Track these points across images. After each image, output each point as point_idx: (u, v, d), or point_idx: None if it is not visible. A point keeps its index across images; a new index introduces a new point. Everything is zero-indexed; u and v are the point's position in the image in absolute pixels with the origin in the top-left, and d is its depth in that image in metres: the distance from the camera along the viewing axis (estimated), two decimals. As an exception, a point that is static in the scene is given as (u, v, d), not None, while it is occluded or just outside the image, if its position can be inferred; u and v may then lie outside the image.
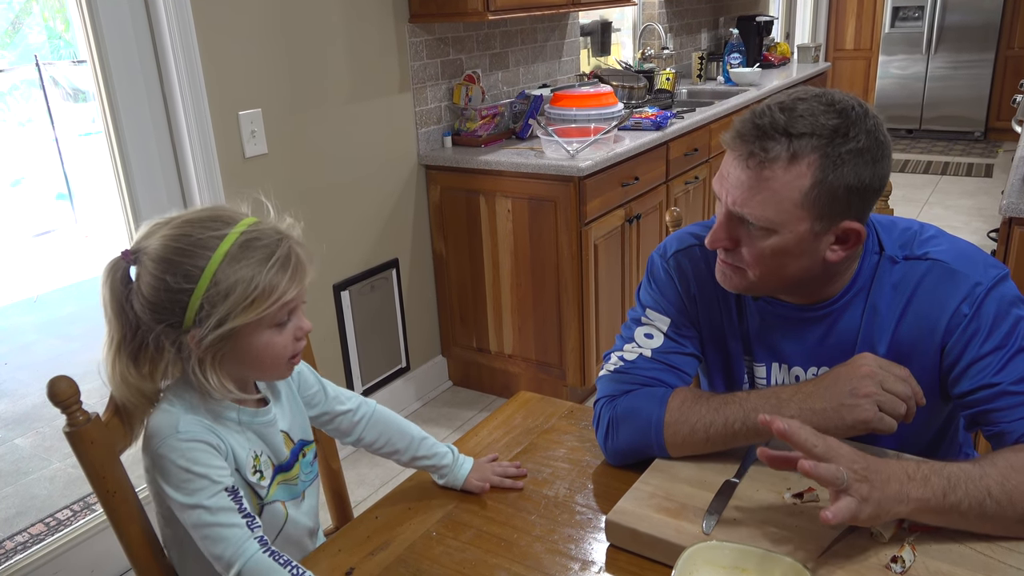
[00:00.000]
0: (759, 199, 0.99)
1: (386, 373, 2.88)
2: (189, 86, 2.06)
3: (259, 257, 0.96)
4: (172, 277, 0.94)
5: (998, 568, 0.90)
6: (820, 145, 0.97)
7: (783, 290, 1.12)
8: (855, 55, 7.58)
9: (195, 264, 0.94)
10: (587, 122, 2.81)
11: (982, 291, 1.04)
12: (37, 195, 5.27)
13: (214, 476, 0.95)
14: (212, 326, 0.94)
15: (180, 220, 0.98)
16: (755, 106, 1.03)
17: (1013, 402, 1.00)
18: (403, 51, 2.74)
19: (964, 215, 5.02)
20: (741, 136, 1.00)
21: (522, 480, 1.19)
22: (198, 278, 0.94)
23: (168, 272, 0.94)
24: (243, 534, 0.94)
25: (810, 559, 0.92)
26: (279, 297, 0.96)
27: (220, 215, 0.99)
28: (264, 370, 1.03)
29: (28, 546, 2.12)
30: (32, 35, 4.88)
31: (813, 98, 0.99)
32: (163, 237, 0.96)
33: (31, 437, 2.96)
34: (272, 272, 0.96)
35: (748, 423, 1.06)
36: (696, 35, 4.93)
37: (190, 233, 0.96)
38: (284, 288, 0.97)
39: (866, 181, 0.99)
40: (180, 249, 0.95)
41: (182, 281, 0.94)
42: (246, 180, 2.26)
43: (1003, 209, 1.94)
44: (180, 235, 0.96)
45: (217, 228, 0.96)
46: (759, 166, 0.98)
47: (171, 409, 0.99)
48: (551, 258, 2.74)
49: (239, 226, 0.98)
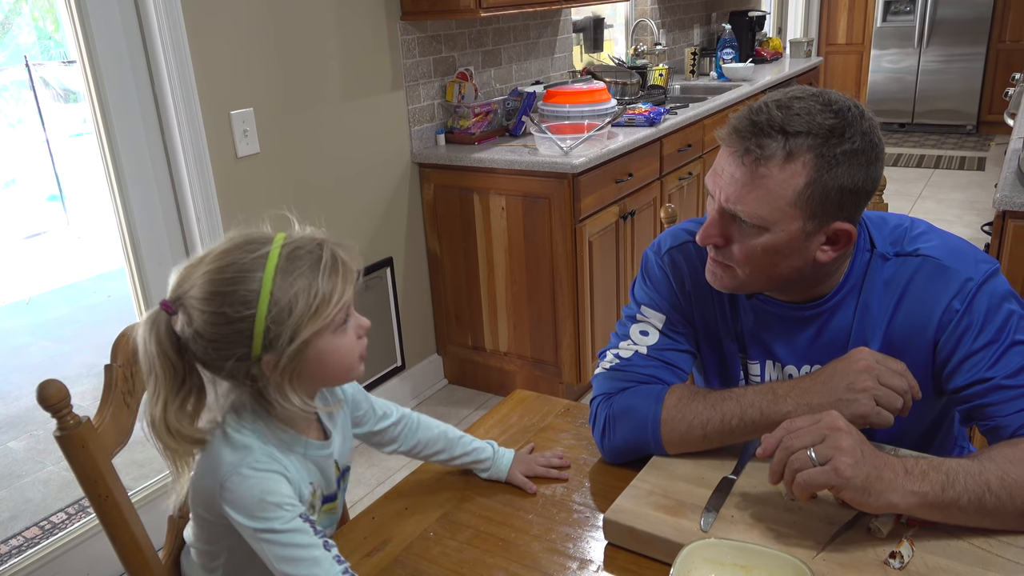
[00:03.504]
0: (753, 196, 0.99)
1: (382, 372, 2.87)
2: (180, 85, 2.05)
3: (308, 265, 0.94)
4: (230, 308, 0.90)
5: (996, 562, 0.90)
6: (816, 144, 0.96)
7: (773, 288, 1.11)
8: (847, 49, 7.59)
9: (249, 289, 0.91)
10: (580, 119, 2.80)
11: (973, 286, 1.04)
12: (28, 197, 5.24)
13: (290, 503, 0.93)
14: (284, 344, 0.91)
15: (214, 254, 0.94)
16: (751, 102, 1.02)
17: (1008, 396, 1.00)
18: (395, 49, 2.73)
19: (957, 208, 5.03)
20: (738, 132, 0.99)
21: (567, 471, 1.19)
22: (256, 302, 0.91)
23: (224, 305, 0.90)
24: (325, 555, 0.92)
25: (809, 555, 0.91)
26: (339, 298, 0.95)
27: (252, 238, 0.96)
28: (339, 375, 1.01)
29: (23, 550, 2.11)
30: (22, 35, 4.85)
31: (810, 97, 0.99)
32: (205, 274, 0.92)
33: (24, 440, 2.94)
34: (325, 276, 0.94)
35: (745, 419, 1.06)
36: (688, 31, 4.93)
37: (232, 261, 0.92)
38: (341, 289, 0.95)
39: (859, 183, 0.99)
40: (228, 279, 0.91)
41: (241, 309, 0.90)
42: (238, 180, 2.25)
43: (997, 202, 1.94)
44: (222, 267, 0.92)
45: (256, 249, 0.93)
46: (755, 163, 0.98)
47: (239, 438, 0.96)
48: (545, 255, 2.74)
49: (276, 241, 0.95)
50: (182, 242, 2.18)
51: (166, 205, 2.14)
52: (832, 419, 0.93)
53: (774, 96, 1.01)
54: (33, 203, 5.23)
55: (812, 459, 0.90)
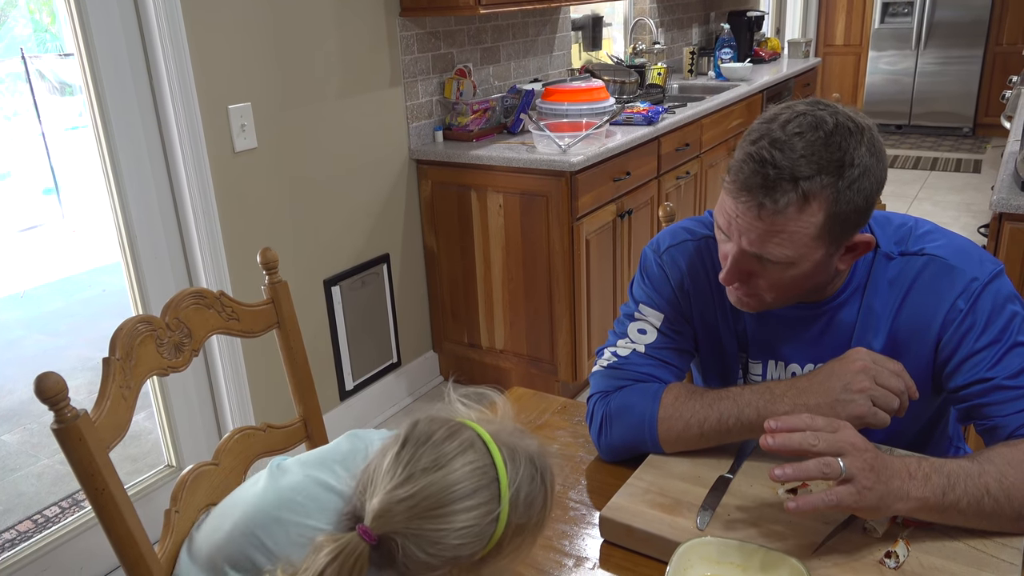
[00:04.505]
0: (775, 242, 0.98)
1: (377, 368, 2.87)
2: (178, 79, 2.04)
3: (536, 510, 0.84)
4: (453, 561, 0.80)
5: (991, 563, 0.90)
6: (830, 183, 0.95)
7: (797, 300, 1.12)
8: (845, 51, 7.60)
9: (480, 548, 0.80)
10: (579, 117, 2.80)
11: (978, 286, 1.04)
12: (23, 190, 5.22)
13: None
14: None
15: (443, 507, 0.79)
16: (749, 147, 0.97)
17: (1007, 396, 1.00)
18: (394, 45, 2.73)
19: (953, 211, 5.04)
20: (747, 188, 0.96)
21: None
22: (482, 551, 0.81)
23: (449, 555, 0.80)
24: None
25: (805, 554, 0.92)
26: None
27: (481, 484, 0.80)
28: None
29: (16, 543, 2.10)
30: (18, 28, 4.82)
31: (809, 130, 0.95)
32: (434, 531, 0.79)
33: (18, 433, 2.93)
34: (546, 516, 0.87)
35: (742, 419, 1.06)
36: (687, 30, 4.93)
37: (467, 526, 0.79)
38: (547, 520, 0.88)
39: (872, 195, 0.99)
40: (459, 545, 0.79)
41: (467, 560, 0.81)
42: (236, 174, 2.25)
43: (993, 205, 1.94)
44: (457, 532, 0.79)
45: (489, 510, 0.80)
46: (771, 216, 0.96)
47: None
48: (543, 253, 2.74)
49: (504, 499, 0.81)
50: (178, 236, 2.18)
51: (163, 199, 2.13)
52: (852, 434, 0.91)
53: (772, 133, 0.96)
54: (28, 196, 5.21)
55: (842, 470, 0.87)
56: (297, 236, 2.47)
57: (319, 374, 2.57)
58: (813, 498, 0.89)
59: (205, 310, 1.24)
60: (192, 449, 2.28)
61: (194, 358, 1.22)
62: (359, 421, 2.79)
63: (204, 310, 1.23)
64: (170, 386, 2.21)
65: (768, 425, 0.92)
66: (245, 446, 1.27)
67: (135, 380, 1.10)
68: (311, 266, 2.54)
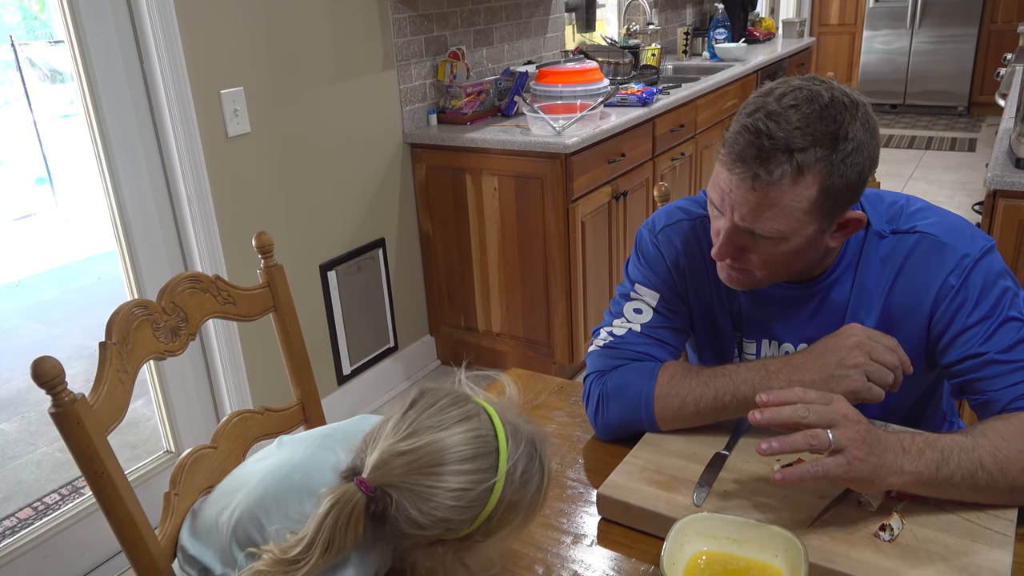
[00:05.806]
0: (768, 215, 0.98)
1: (374, 353, 2.87)
2: (170, 64, 2.03)
3: (532, 489, 0.86)
4: (448, 522, 0.82)
5: (984, 535, 0.91)
6: (823, 156, 0.95)
7: (787, 279, 1.12)
8: (840, 30, 7.58)
9: (474, 515, 0.83)
10: (573, 98, 2.79)
11: (970, 262, 1.04)
12: (16, 179, 5.20)
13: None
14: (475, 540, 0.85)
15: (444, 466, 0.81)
16: (745, 119, 0.97)
17: (1000, 371, 1.01)
18: (386, 28, 2.71)
19: (948, 189, 5.05)
20: (742, 159, 0.96)
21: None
22: (474, 521, 0.83)
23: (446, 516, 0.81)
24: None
25: (800, 528, 0.92)
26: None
27: (481, 450, 0.83)
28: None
29: (16, 531, 2.11)
30: (6, 15, 4.78)
31: (805, 102, 0.95)
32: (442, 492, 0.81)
33: (16, 422, 2.94)
34: (542, 498, 0.88)
35: (738, 396, 1.07)
36: (681, 10, 4.91)
37: (464, 487, 0.81)
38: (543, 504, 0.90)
39: (864, 170, 0.99)
40: (460, 507, 0.81)
41: (461, 527, 0.82)
42: (229, 160, 2.24)
43: (988, 182, 1.95)
44: (456, 493, 0.81)
45: (487, 480, 0.82)
46: (765, 187, 0.96)
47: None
48: (538, 236, 2.74)
49: (501, 469, 0.83)
50: (173, 223, 2.17)
51: (156, 186, 2.12)
52: (845, 407, 0.91)
53: (768, 106, 0.96)
54: (21, 185, 5.19)
55: (831, 442, 0.88)
56: (292, 221, 2.47)
57: (316, 359, 2.57)
58: (799, 469, 0.89)
59: (201, 294, 1.24)
60: (190, 435, 2.29)
61: (191, 342, 1.22)
62: (357, 405, 2.80)
63: (200, 294, 1.24)
64: (167, 372, 2.21)
65: (760, 399, 0.92)
66: (243, 429, 1.28)
67: (132, 364, 1.10)
68: (307, 252, 2.54)
